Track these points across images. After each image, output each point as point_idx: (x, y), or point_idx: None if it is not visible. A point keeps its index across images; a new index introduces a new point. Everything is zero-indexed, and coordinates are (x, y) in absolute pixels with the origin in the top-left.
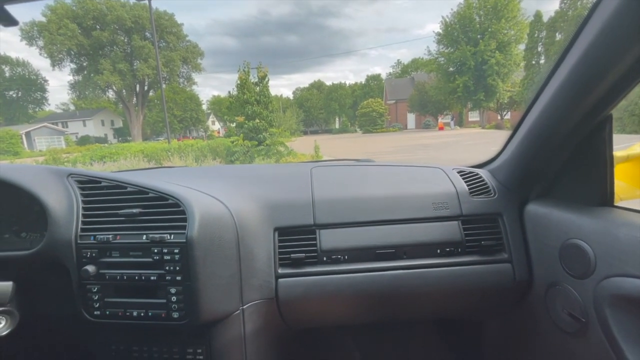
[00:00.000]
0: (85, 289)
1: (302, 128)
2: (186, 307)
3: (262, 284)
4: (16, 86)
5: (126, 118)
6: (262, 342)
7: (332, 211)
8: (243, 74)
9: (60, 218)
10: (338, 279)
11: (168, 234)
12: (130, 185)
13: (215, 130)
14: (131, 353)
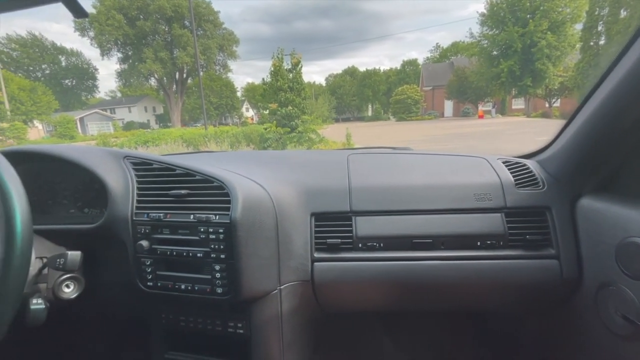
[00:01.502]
0: (139, 262)
1: (334, 115)
2: (229, 284)
3: (299, 267)
4: (71, 75)
5: (167, 105)
6: (297, 321)
7: (369, 198)
8: (277, 60)
9: (118, 196)
10: (373, 266)
11: (213, 215)
12: (179, 167)
13: (249, 117)
14: (178, 322)
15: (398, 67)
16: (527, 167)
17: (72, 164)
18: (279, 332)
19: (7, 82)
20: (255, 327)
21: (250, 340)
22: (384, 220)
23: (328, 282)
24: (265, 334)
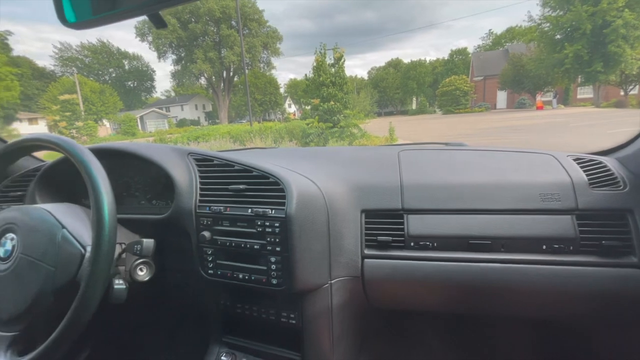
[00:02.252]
0: (202, 251)
1: (376, 109)
2: (283, 276)
3: (349, 262)
4: (133, 77)
5: (215, 102)
6: (346, 315)
7: (422, 196)
8: (319, 56)
9: (183, 190)
10: (426, 265)
11: (270, 209)
12: (237, 164)
13: (291, 112)
14: (235, 309)
15: (445, 57)
16: (604, 165)
17: (145, 160)
18: (330, 325)
19: (82, 86)
20: (307, 318)
21: (302, 331)
22: (438, 219)
23: (378, 279)
24: (316, 326)
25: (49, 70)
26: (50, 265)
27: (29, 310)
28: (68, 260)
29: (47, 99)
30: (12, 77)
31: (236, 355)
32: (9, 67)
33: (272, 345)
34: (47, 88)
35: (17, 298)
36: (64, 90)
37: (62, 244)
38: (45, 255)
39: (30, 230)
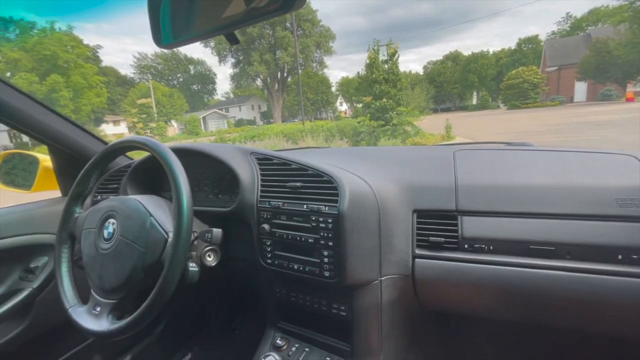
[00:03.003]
0: (261, 242)
1: (432, 105)
2: (335, 269)
3: (399, 261)
4: (197, 81)
5: (269, 102)
6: (395, 313)
7: (478, 198)
8: (372, 52)
9: (246, 186)
10: (480, 268)
11: (323, 206)
12: (294, 162)
13: (342, 111)
14: (289, 297)
15: (512, 47)
16: None
17: (214, 159)
18: (379, 321)
19: (155, 90)
20: (356, 311)
21: (352, 323)
22: (496, 222)
23: (429, 280)
24: (366, 320)
25: (129, 77)
26: (141, 247)
27: (125, 283)
28: (154, 243)
29: (127, 103)
30: (101, 85)
31: (289, 341)
32: (99, 76)
33: (323, 334)
34: (127, 93)
35: (117, 272)
36: (141, 95)
37: (150, 230)
38: (138, 238)
39: (126, 217)
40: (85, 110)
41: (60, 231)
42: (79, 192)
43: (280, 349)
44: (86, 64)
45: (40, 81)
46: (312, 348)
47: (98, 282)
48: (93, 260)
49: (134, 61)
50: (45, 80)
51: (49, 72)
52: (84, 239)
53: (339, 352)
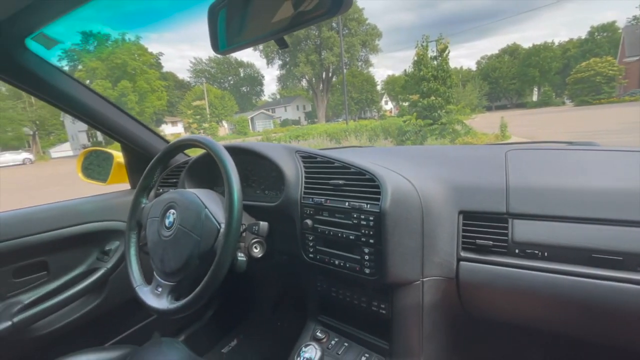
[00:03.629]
0: (304, 236)
1: (486, 103)
2: (375, 266)
3: (443, 263)
4: (246, 83)
5: (314, 102)
6: (438, 316)
7: (533, 200)
8: (420, 49)
9: (292, 183)
10: (532, 275)
11: (365, 204)
12: (337, 161)
13: (387, 110)
14: (330, 292)
15: (582, 37)
16: None
17: (262, 156)
18: (419, 322)
19: (208, 93)
20: (397, 311)
21: (392, 322)
22: (552, 226)
23: (475, 283)
24: (406, 320)
25: (186, 81)
26: (197, 236)
27: (183, 267)
28: (208, 233)
29: (184, 105)
30: (162, 89)
31: (329, 334)
32: (160, 81)
33: (362, 330)
34: (184, 96)
35: (176, 257)
36: (196, 97)
37: (205, 221)
38: (194, 227)
39: (185, 208)
40: (148, 112)
41: (129, 219)
42: (145, 185)
43: (320, 341)
44: (150, 70)
45: (112, 87)
46: (351, 343)
47: (160, 266)
48: (156, 245)
49: (190, 66)
50: (117, 86)
51: (120, 78)
52: (149, 227)
53: (378, 349)
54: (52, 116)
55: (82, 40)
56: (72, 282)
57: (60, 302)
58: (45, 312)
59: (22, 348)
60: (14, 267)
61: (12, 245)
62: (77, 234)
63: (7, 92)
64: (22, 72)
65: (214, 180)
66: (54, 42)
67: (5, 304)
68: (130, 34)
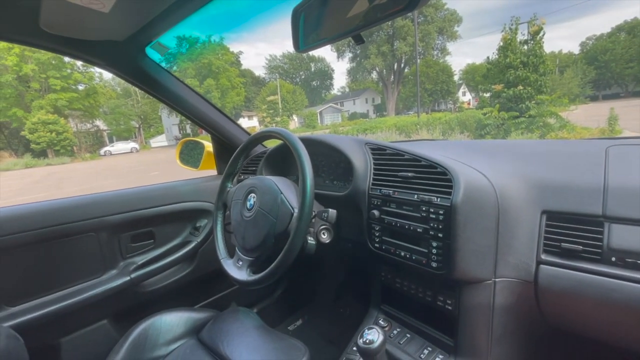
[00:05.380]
0: (371, 226)
1: (590, 92)
2: (443, 261)
3: (519, 264)
4: (317, 77)
5: (384, 95)
6: (511, 319)
7: (636, 203)
8: (508, 33)
9: (360, 174)
10: (632, 288)
11: (435, 197)
12: (407, 153)
13: (465, 101)
14: (394, 282)
15: None
16: None
17: (332, 148)
18: (489, 323)
19: (281, 88)
20: (464, 308)
21: (458, 319)
22: None
23: (557, 290)
24: (474, 319)
25: (262, 77)
26: (274, 218)
27: (261, 245)
28: (283, 216)
29: (259, 100)
30: (241, 86)
31: (391, 324)
32: (239, 78)
33: (425, 323)
34: (259, 91)
35: (256, 235)
36: (270, 93)
37: (280, 205)
38: (271, 210)
39: (263, 192)
40: (229, 107)
41: (217, 201)
42: (231, 172)
43: (382, 329)
44: (231, 68)
45: (199, 85)
46: (414, 335)
47: (241, 242)
48: (239, 224)
49: (265, 63)
50: (203, 84)
51: (206, 76)
52: (233, 208)
53: (442, 345)
54: (153, 111)
55: (177, 44)
56: (171, 251)
57: (162, 266)
58: (152, 273)
59: (136, 299)
60: (131, 234)
61: (130, 217)
62: (175, 211)
63: (121, 92)
64: (142, 74)
65: (289, 169)
66: (165, 48)
67: (126, 263)
68: (215, 36)
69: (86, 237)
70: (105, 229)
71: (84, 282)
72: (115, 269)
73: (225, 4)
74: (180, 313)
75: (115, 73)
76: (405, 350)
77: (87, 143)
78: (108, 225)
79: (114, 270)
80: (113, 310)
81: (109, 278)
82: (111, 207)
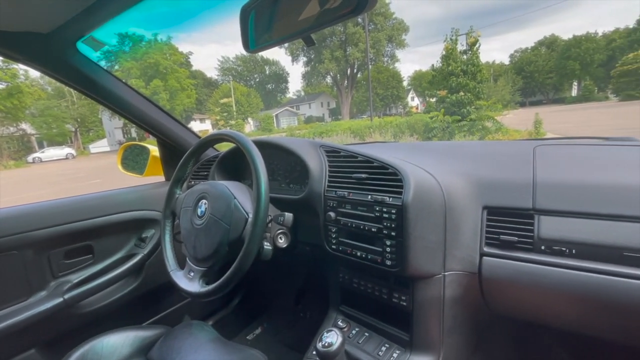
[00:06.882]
0: (327, 228)
1: (519, 99)
2: (397, 258)
3: (465, 257)
4: (272, 80)
5: (338, 99)
6: (459, 311)
7: (561, 196)
8: (449, 43)
9: (315, 176)
10: (559, 273)
11: (387, 197)
12: (360, 155)
13: (413, 106)
14: (352, 283)
15: (630, 26)
16: None
17: (288, 151)
18: (440, 316)
19: (235, 91)
20: (417, 303)
21: (412, 314)
22: (580, 223)
23: (498, 280)
24: (427, 312)
25: (214, 79)
26: (227, 224)
27: (213, 254)
28: (237, 222)
29: (211, 103)
30: (191, 87)
31: (350, 324)
32: (190, 79)
33: (382, 321)
34: (212, 94)
35: (208, 244)
36: (223, 95)
37: (234, 210)
38: (224, 216)
39: (215, 198)
40: (178, 110)
41: (165, 209)
42: (179, 177)
43: (341, 330)
44: (180, 69)
45: (145, 85)
46: (372, 333)
47: (192, 252)
48: (189, 233)
49: (217, 64)
50: (149, 85)
51: (152, 77)
52: (183, 216)
53: (398, 340)
54: (92, 113)
55: (119, 41)
56: (114, 266)
57: (103, 283)
58: (90, 292)
59: (71, 322)
60: (65, 250)
61: (63, 230)
62: (117, 222)
63: (53, 92)
64: (74, 72)
65: (242, 173)
66: (100, 44)
67: (58, 282)
68: (162, 34)
69: (5, 256)
70: (30, 246)
71: (4, 308)
72: (45, 290)
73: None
74: (126, 333)
75: (40, 70)
76: (364, 349)
77: (11, 149)
78: (33, 241)
79: (42, 291)
80: (43, 337)
81: (37, 301)
82: (38, 220)
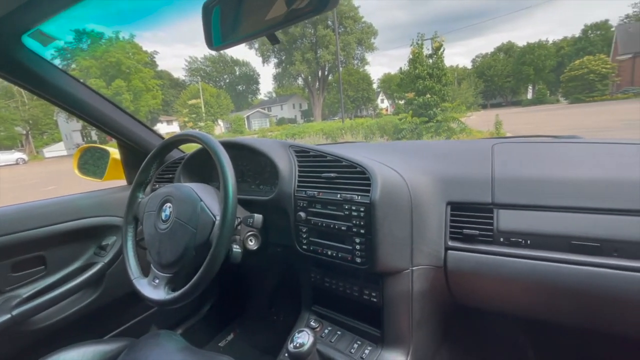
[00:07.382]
0: (298, 229)
1: (481, 101)
2: (366, 256)
3: (431, 252)
4: (242, 82)
5: (310, 101)
6: (427, 304)
7: (516, 191)
8: (416, 47)
9: (285, 177)
10: (516, 263)
11: (356, 195)
12: (329, 154)
13: (383, 108)
14: (324, 282)
15: (576, 35)
16: None
17: (257, 151)
18: (409, 310)
19: (203, 92)
20: (387, 299)
21: (383, 310)
22: (534, 215)
23: (462, 272)
24: (396, 307)
25: (181, 80)
26: (193, 228)
27: (179, 259)
28: (204, 225)
29: (179, 104)
30: (157, 88)
31: (323, 324)
32: (155, 80)
33: (354, 318)
34: (179, 95)
35: (173, 249)
36: (191, 96)
37: (200, 213)
38: (190, 220)
39: (181, 201)
40: (143, 111)
41: (126, 214)
42: (142, 180)
43: (313, 330)
44: (145, 69)
45: (107, 86)
46: (344, 332)
47: (157, 258)
48: (153, 238)
49: (185, 65)
50: (111, 85)
51: (114, 77)
52: (146, 220)
53: (370, 337)
54: (46, 115)
55: (76, 38)
56: (70, 277)
57: (57, 296)
58: (43, 306)
59: (21, 341)
60: (12, 262)
61: (10, 240)
62: (74, 229)
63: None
64: (19, 68)
65: (210, 175)
66: (50, 39)
67: (4, 298)
68: (124, 32)
69: None
70: None
71: None
72: None
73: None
74: (85, 347)
75: None
76: (337, 348)
77: None
78: None
79: None
80: None
81: None
82: None
